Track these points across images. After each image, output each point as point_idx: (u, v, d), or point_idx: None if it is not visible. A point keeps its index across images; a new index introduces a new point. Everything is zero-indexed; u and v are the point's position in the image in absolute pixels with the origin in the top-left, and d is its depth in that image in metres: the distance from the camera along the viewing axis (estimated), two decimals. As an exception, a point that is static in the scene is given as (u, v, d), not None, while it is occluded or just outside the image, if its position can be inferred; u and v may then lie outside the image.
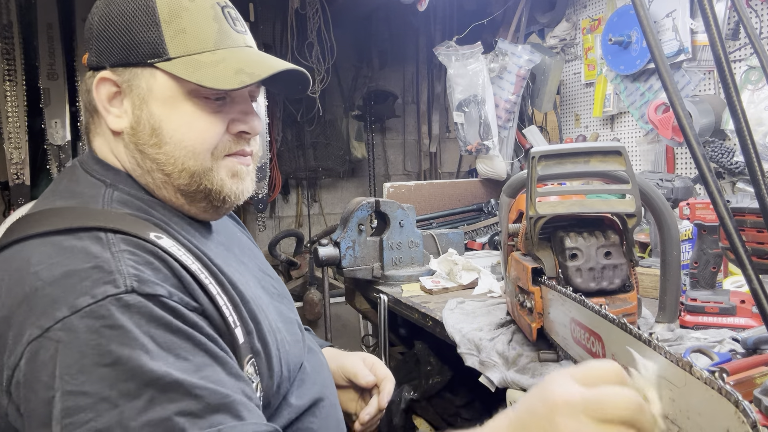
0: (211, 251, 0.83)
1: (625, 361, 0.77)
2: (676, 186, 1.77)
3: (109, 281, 0.66)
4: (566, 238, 1.06)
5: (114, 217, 0.75)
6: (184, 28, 0.81)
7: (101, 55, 0.82)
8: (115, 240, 0.71)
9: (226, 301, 0.77)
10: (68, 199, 0.80)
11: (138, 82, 0.81)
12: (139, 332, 0.64)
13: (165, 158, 0.82)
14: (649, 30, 0.71)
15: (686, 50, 2.04)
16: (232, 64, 0.81)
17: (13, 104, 2.81)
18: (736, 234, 0.65)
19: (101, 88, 0.82)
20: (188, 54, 0.81)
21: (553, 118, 2.93)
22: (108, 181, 0.82)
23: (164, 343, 0.66)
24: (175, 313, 0.68)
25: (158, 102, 0.81)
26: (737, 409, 0.54)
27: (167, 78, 0.81)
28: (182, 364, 0.66)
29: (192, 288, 0.73)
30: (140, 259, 0.70)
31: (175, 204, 0.86)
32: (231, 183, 0.86)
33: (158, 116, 0.81)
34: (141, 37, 0.80)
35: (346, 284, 2.18)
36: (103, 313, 0.64)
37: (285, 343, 0.88)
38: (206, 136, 0.83)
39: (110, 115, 0.82)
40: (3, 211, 3.19)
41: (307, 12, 3.33)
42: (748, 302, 1.19)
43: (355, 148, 4.19)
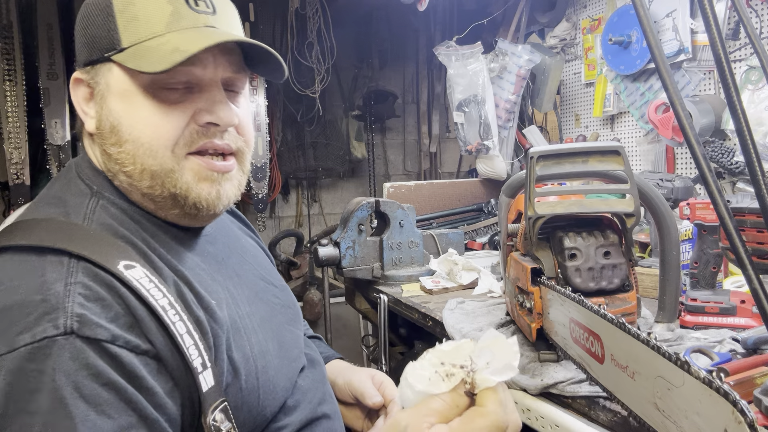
0: (194, 271, 0.79)
1: (625, 360, 0.77)
2: (676, 186, 1.76)
3: (51, 319, 0.63)
4: (565, 238, 1.06)
5: (90, 237, 0.71)
6: (136, 14, 0.75)
7: (79, 55, 0.80)
8: (75, 269, 0.67)
9: (197, 340, 0.71)
10: (53, 206, 0.77)
11: (99, 78, 0.77)
12: (64, 381, 0.61)
13: (125, 157, 0.76)
14: (649, 30, 0.71)
15: (686, 50, 2.03)
16: (172, 43, 0.73)
17: (13, 104, 2.81)
18: (736, 234, 0.65)
19: (77, 90, 0.80)
20: (139, 42, 0.74)
21: (553, 118, 2.93)
22: (95, 188, 0.79)
23: (89, 395, 0.62)
24: (114, 360, 0.64)
25: (115, 97, 0.76)
26: (735, 408, 0.54)
27: (121, 71, 0.75)
28: (104, 422, 0.62)
29: (147, 328, 0.67)
30: (92, 294, 0.66)
31: (150, 210, 0.80)
32: (200, 187, 0.78)
33: (116, 112, 0.76)
34: (99, 30, 0.76)
35: (346, 284, 2.18)
36: (37, 356, 0.61)
37: (270, 368, 0.83)
38: (162, 131, 0.75)
39: (87, 116, 0.80)
40: (3, 211, 3.19)
41: (307, 12, 3.33)
42: (749, 302, 1.19)
43: (355, 148, 4.19)
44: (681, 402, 0.64)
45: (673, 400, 0.66)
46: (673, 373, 0.64)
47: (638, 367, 0.74)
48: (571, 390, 1.01)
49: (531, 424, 1.06)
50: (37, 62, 2.89)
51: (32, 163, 2.95)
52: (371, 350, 2.42)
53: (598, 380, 0.87)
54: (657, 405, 0.69)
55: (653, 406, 0.70)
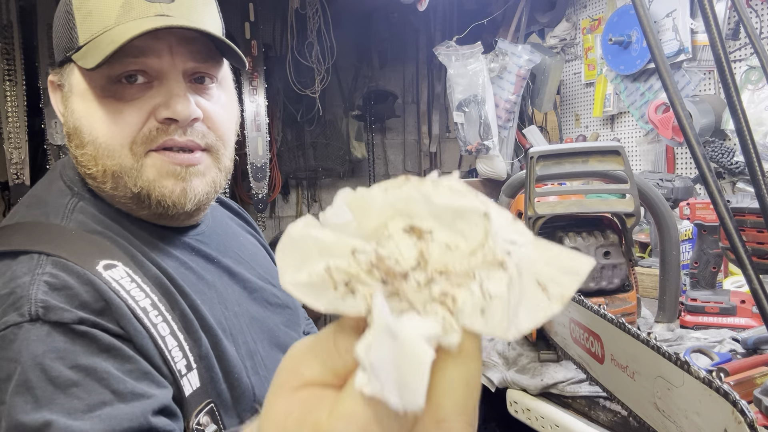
0: (179, 270, 0.77)
1: (625, 360, 0.77)
2: (676, 186, 1.76)
3: (16, 308, 0.63)
4: (565, 238, 1.06)
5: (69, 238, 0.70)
6: (90, 10, 0.72)
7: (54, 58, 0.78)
8: (44, 262, 0.66)
9: (182, 341, 0.69)
10: (34, 208, 0.76)
11: (64, 80, 0.75)
12: (30, 364, 0.60)
13: (87, 159, 0.73)
14: (649, 30, 0.71)
15: (686, 50, 2.03)
16: (110, 37, 0.69)
17: (12, 104, 2.81)
18: (736, 234, 0.65)
19: (55, 93, 0.78)
20: (92, 38, 0.71)
21: (553, 118, 2.93)
22: (75, 188, 0.78)
23: (55, 378, 0.60)
24: (84, 339, 0.63)
25: (77, 98, 0.73)
26: (735, 408, 0.54)
27: (79, 70, 0.72)
28: (72, 402, 0.60)
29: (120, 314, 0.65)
30: (58, 283, 0.65)
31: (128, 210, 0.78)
32: (163, 184, 0.73)
33: (78, 113, 0.73)
34: (62, 29, 0.74)
35: (346, 284, 2.18)
36: (3, 343, 0.61)
37: (261, 369, 0.82)
38: (117, 129, 0.72)
39: (62, 118, 0.77)
40: (3, 211, 3.19)
41: (307, 12, 3.32)
42: (749, 302, 1.19)
43: (355, 148, 4.19)
44: (681, 402, 0.64)
45: (673, 400, 0.66)
46: (673, 373, 0.64)
47: (638, 367, 0.74)
48: (571, 390, 1.01)
49: (531, 423, 1.06)
50: (37, 62, 2.89)
51: (32, 163, 2.95)
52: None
53: (598, 380, 0.87)
54: (657, 405, 0.69)
55: (653, 406, 0.70)
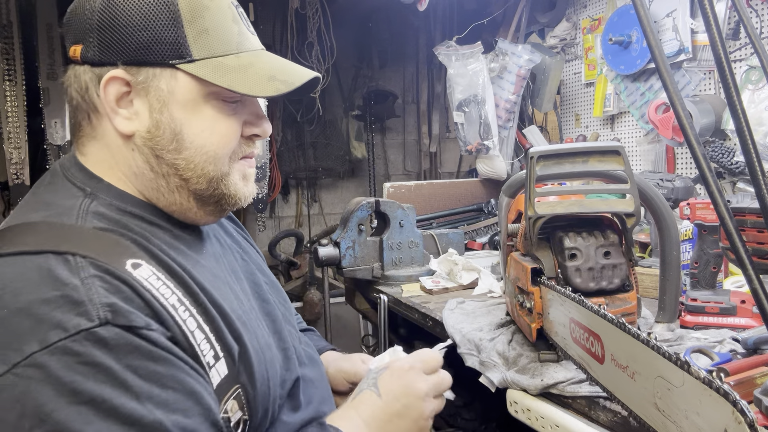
0: (197, 268, 0.79)
1: (625, 360, 0.77)
2: (676, 186, 1.76)
3: (81, 313, 0.61)
4: (565, 238, 1.06)
5: (87, 236, 0.70)
6: (207, 28, 0.77)
7: (108, 51, 0.74)
8: (83, 264, 0.65)
9: (208, 333, 0.72)
10: (41, 210, 0.74)
11: (157, 83, 0.76)
12: (118, 367, 0.61)
13: (185, 164, 0.78)
14: (650, 30, 0.71)
15: (686, 50, 2.03)
16: (263, 70, 0.79)
17: (12, 104, 2.81)
18: (736, 234, 0.65)
19: (110, 88, 0.75)
20: (212, 56, 0.77)
21: (553, 118, 2.93)
22: (88, 189, 0.77)
23: (147, 374, 0.62)
24: (156, 342, 0.65)
25: (179, 105, 0.76)
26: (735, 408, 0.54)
27: (189, 80, 0.76)
28: (168, 394, 0.63)
29: (163, 317, 0.68)
30: (111, 287, 0.65)
31: (180, 208, 0.81)
32: (242, 186, 0.84)
33: (179, 120, 0.77)
34: (162, 35, 0.74)
35: (346, 284, 2.18)
36: (77, 349, 0.60)
37: (275, 362, 0.85)
38: (226, 141, 0.80)
39: (118, 117, 0.76)
40: (3, 211, 3.19)
41: (307, 12, 3.33)
42: (749, 302, 1.19)
43: (355, 148, 4.19)
44: (681, 402, 0.64)
45: (673, 400, 0.66)
46: (673, 373, 0.64)
47: (638, 367, 0.74)
48: (571, 390, 1.00)
49: (531, 424, 1.06)
50: (37, 62, 2.89)
51: (32, 163, 2.95)
52: (371, 350, 2.42)
53: (598, 380, 0.87)
54: (657, 405, 0.69)
55: (653, 406, 0.70)
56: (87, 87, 0.77)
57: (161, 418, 0.61)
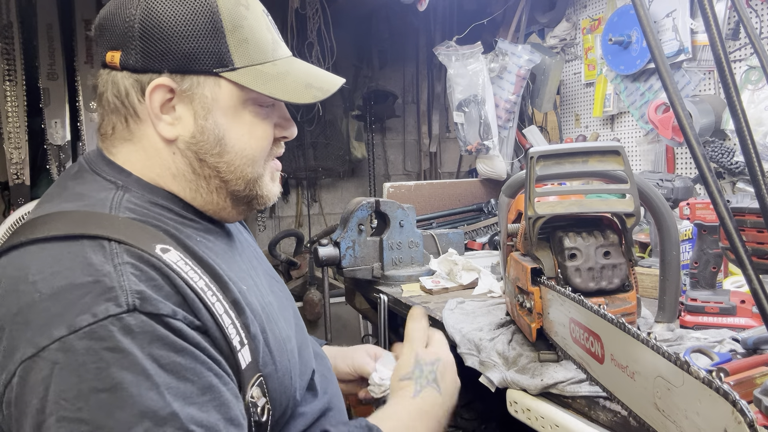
0: (224, 260, 0.81)
1: (625, 360, 0.77)
2: (676, 186, 1.76)
3: (110, 298, 0.63)
4: (565, 238, 1.06)
5: (120, 224, 0.71)
6: (246, 38, 0.80)
7: (152, 59, 0.77)
8: (118, 250, 0.67)
9: (234, 318, 0.74)
10: (74, 201, 0.76)
11: (201, 90, 0.79)
12: (141, 354, 0.62)
13: (226, 167, 0.82)
14: (649, 30, 0.71)
15: (686, 50, 2.03)
16: (300, 77, 0.83)
17: (13, 104, 2.81)
18: (736, 234, 0.65)
19: (155, 95, 0.78)
20: (252, 64, 0.81)
21: (553, 118, 2.93)
22: (120, 182, 0.79)
23: (168, 364, 0.63)
24: (179, 332, 0.66)
25: (222, 111, 0.80)
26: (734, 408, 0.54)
27: (232, 87, 0.80)
28: (186, 386, 0.64)
29: (196, 307, 0.69)
30: (143, 275, 0.66)
31: (215, 207, 0.85)
32: (272, 186, 0.88)
33: (223, 126, 0.80)
34: (206, 45, 0.77)
35: (346, 284, 2.18)
36: (103, 334, 0.61)
37: (295, 353, 0.87)
38: (263, 144, 0.85)
39: (162, 123, 0.79)
40: (3, 211, 3.19)
41: (307, 12, 3.33)
42: (749, 302, 1.19)
43: (355, 148, 4.18)
44: (681, 402, 0.64)
45: (672, 400, 0.66)
46: (673, 373, 0.65)
47: (638, 367, 0.74)
48: (571, 390, 1.01)
49: (531, 424, 1.06)
50: (37, 62, 2.89)
51: (32, 163, 2.95)
52: (371, 350, 2.42)
53: (598, 380, 0.87)
54: (657, 405, 0.69)
55: (653, 406, 0.70)
56: (127, 92, 0.79)
57: (177, 410, 0.62)
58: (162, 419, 0.61)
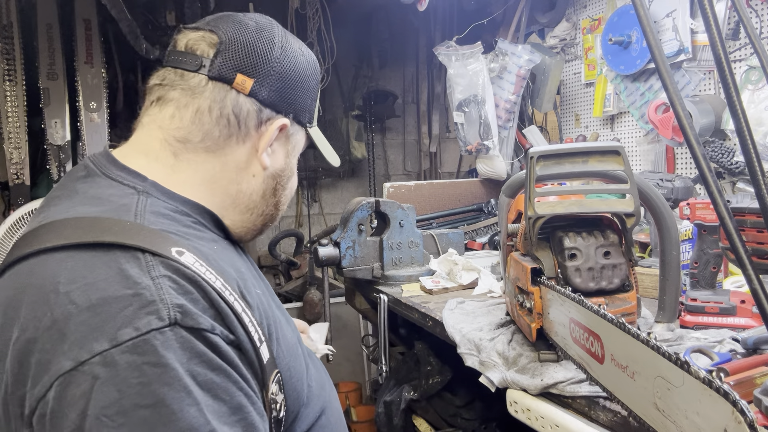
0: (233, 264, 0.81)
1: (625, 360, 0.77)
2: (676, 186, 1.76)
3: (151, 311, 0.62)
4: (565, 238, 1.06)
5: (140, 230, 0.70)
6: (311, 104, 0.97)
7: (282, 101, 0.89)
8: (154, 263, 0.66)
9: (251, 316, 0.74)
10: (93, 206, 0.73)
11: (297, 137, 0.95)
12: (182, 371, 0.61)
13: (284, 198, 0.97)
14: (649, 30, 0.71)
15: (686, 50, 2.03)
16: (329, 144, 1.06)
17: (13, 104, 2.81)
18: (736, 234, 0.65)
19: (276, 131, 0.89)
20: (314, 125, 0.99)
21: (553, 118, 2.93)
22: (139, 187, 0.78)
23: (204, 382, 0.63)
24: (216, 349, 0.66)
25: (296, 156, 0.97)
26: (735, 408, 0.54)
27: (304, 138, 0.97)
28: (220, 406, 0.64)
29: (230, 320, 0.69)
30: (180, 288, 0.66)
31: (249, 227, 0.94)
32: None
33: (293, 166, 0.97)
34: (311, 104, 0.96)
35: (346, 284, 2.18)
36: (146, 348, 0.60)
37: (300, 358, 0.88)
38: (295, 185, 1.01)
39: (265, 153, 0.89)
40: (3, 211, 3.19)
41: (307, 12, 3.33)
42: (749, 302, 1.19)
43: (355, 148, 4.18)
44: (681, 402, 0.64)
45: (672, 400, 0.66)
46: (673, 373, 0.64)
47: (638, 367, 0.74)
48: (571, 390, 1.01)
49: (531, 424, 1.06)
50: (37, 62, 2.89)
51: (32, 163, 2.95)
52: (371, 350, 2.42)
53: (598, 380, 0.87)
54: (657, 405, 0.69)
55: (653, 406, 0.70)
56: (248, 116, 0.86)
57: (216, 428, 0.62)
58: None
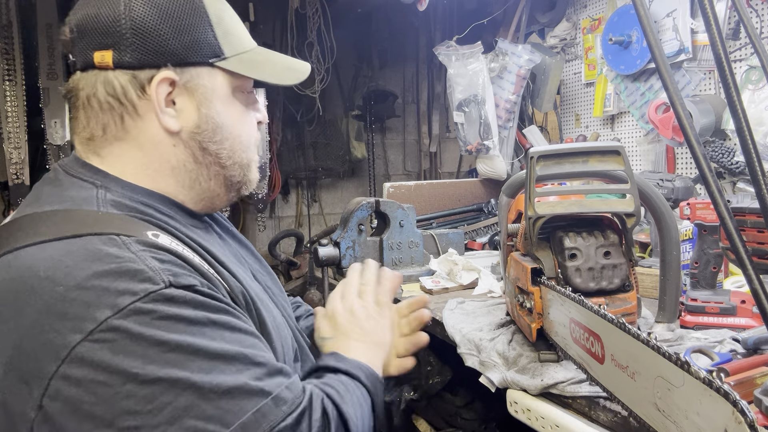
0: (213, 247, 0.82)
1: (625, 360, 0.77)
2: (676, 186, 1.76)
3: (144, 279, 0.65)
4: (565, 238, 1.06)
5: (112, 219, 0.72)
6: (228, 29, 0.85)
7: (150, 55, 0.78)
8: (129, 242, 0.68)
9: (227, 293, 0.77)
10: (56, 204, 0.75)
11: (201, 81, 0.82)
12: (192, 316, 0.65)
13: (226, 153, 0.86)
14: (650, 30, 0.71)
15: (686, 50, 2.03)
16: (279, 62, 0.90)
17: (12, 104, 2.81)
18: (736, 234, 0.65)
19: (160, 89, 0.79)
20: (237, 53, 0.85)
21: (553, 118, 2.92)
22: (98, 182, 0.78)
23: (216, 320, 0.68)
24: (213, 297, 0.70)
25: (219, 100, 0.84)
26: (735, 408, 0.54)
27: (225, 76, 0.84)
28: (238, 336, 0.69)
29: (214, 282, 0.74)
30: (163, 256, 0.69)
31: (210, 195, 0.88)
32: (256, 173, 0.93)
33: (222, 114, 0.84)
34: (200, 37, 0.81)
35: (346, 284, 2.17)
36: (150, 308, 0.63)
37: (289, 338, 0.89)
38: (252, 129, 0.90)
39: (166, 115, 0.80)
40: (2, 211, 3.19)
41: (307, 12, 3.32)
42: (749, 302, 1.19)
43: (355, 148, 4.18)
44: (681, 402, 0.64)
45: (673, 400, 0.66)
46: (673, 373, 0.64)
47: (638, 367, 0.74)
48: (571, 390, 1.00)
49: (531, 424, 1.06)
50: (37, 62, 2.89)
51: (32, 163, 2.95)
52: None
53: (598, 380, 0.87)
54: (657, 405, 0.69)
55: (653, 406, 0.70)
56: (124, 89, 0.79)
57: (242, 350, 0.68)
58: (232, 358, 0.66)
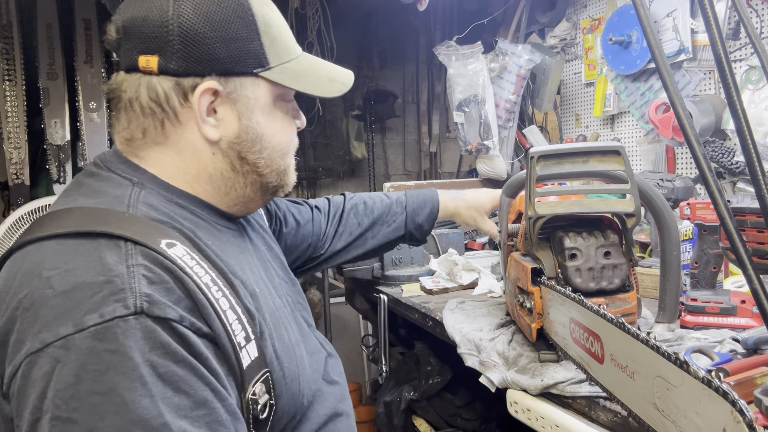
0: (237, 262, 0.81)
1: (625, 360, 0.77)
2: (676, 186, 1.76)
3: (119, 299, 0.63)
4: (565, 238, 1.06)
5: (130, 221, 0.72)
6: (275, 36, 0.83)
7: (196, 63, 0.77)
8: (134, 252, 0.67)
9: (240, 313, 0.74)
10: (91, 197, 0.76)
11: (244, 92, 0.81)
12: (140, 360, 0.62)
13: (264, 162, 0.85)
14: (650, 30, 0.71)
15: (686, 50, 2.03)
16: (322, 72, 0.89)
17: (12, 104, 2.80)
18: (736, 234, 0.65)
19: (203, 98, 0.78)
20: (282, 62, 0.84)
21: (553, 118, 2.92)
22: (135, 179, 0.79)
23: (165, 374, 0.63)
24: (183, 340, 0.66)
25: (260, 110, 0.83)
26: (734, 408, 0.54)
27: (267, 85, 0.83)
28: (180, 399, 0.64)
29: (206, 312, 0.69)
30: (155, 277, 0.67)
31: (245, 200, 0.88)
32: (293, 175, 0.93)
33: (262, 124, 0.84)
34: (247, 47, 0.80)
35: (346, 284, 2.18)
36: (107, 335, 0.62)
37: (304, 358, 0.87)
38: (291, 136, 0.90)
39: (207, 125, 0.80)
40: (2, 211, 3.19)
41: (307, 12, 3.32)
42: (749, 302, 1.19)
43: (355, 148, 4.18)
44: (680, 402, 0.64)
45: (672, 400, 0.66)
46: (673, 373, 0.64)
47: (638, 367, 0.74)
48: (571, 390, 1.00)
49: (531, 424, 1.06)
50: (37, 62, 2.89)
51: (32, 163, 2.95)
52: (371, 350, 2.42)
53: (598, 380, 0.87)
54: (656, 405, 0.69)
55: (653, 406, 0.70)
56: (167, 96, 0.78)
57: (169, 421, 0.62)
58: (153, 429, 0.61)
